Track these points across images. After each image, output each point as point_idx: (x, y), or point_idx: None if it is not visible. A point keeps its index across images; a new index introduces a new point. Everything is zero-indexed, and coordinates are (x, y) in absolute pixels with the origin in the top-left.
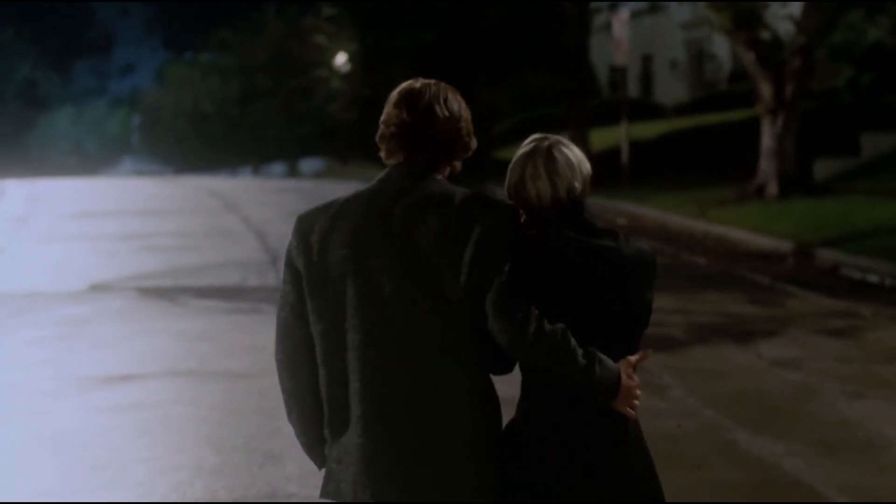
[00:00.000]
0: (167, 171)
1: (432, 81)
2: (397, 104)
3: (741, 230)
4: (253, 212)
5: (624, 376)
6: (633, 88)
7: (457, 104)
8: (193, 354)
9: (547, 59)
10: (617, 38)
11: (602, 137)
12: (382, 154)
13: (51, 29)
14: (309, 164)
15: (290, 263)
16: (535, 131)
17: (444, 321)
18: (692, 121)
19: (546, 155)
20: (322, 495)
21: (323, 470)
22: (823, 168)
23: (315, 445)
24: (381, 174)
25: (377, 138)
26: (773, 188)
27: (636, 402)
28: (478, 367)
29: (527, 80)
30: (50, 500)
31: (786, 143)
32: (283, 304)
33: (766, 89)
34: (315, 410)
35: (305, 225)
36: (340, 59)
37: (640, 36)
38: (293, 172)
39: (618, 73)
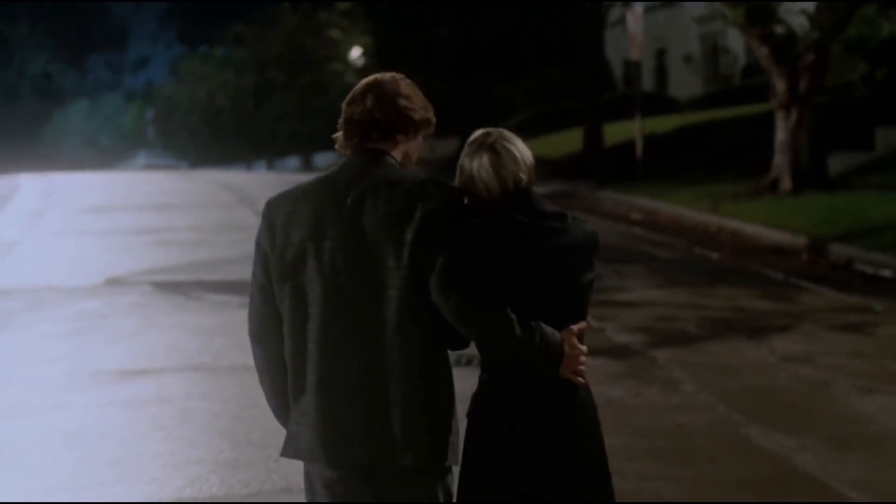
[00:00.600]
0: (182, 165)
1: (388, 74)
2: (359, 96)
3: (755, 225)
4: None
5: (567, 345)
6: (647, 82)
7: (410, 90)
8: (208, 349)
9: (561, 53)
10: (631, 32)
11: (617, 131)
12: (338, 142)
13: (65, 23)
14: (324, 158)
15: (258, 245)
16: (548, 125)
17: (394, 297)
18: (706, 115)
19: (490, 150)
20: (282, 454)
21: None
22: (837, 162)
23: (282, 410)
24: (341, 160)
25: (338, 127)
26: (786, 183)
27: (581, 368)
28: (428, 340)
29: (541, 75)
30: (65, 496)
31: (799, 138)
32: (253, 284)
33: (780, 84)
34: (282, 379)
35: (272, 210)
36: (355, 53)
37: (654, 30)
38: (308, 166)
39: (632, 68)
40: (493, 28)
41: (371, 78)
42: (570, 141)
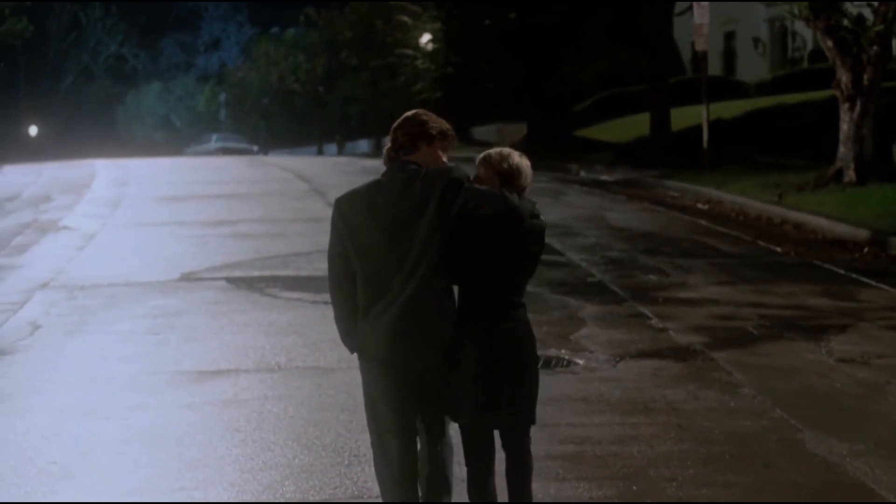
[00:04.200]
0: (254, 149)
1: (412, 111)
2: (396, 129)
3: (818, 217)
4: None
5: None
6: (715, 66)
7: (433, 118)
8: (281, 349)
9: (630, 36)
10: (698, 23)
11: (684, 116)
12: (391, 153)
13: (139, 5)
14: None
15: (335, 228)
16: (616, 109)
17: (426, 251)
18: (774, 100)
19: (525, 157)
20: (351, 350)
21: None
22: None
23: (348, 335)
24: (387, 168)
25: (391, 145)
26: (850, 174)
27: None
28: (444, 280)
29: (610, 59)
30: (146, 499)
31: (864, 129)
32: (333, 250)
33: (844, 75)
34: (350, 314)
35: (343, 204)
36: (425, 38)
37: (723, 11)
38: (378, 149)
39: (699, 55)
40: (563, 12)
41: (405, 115)
42: (637, 125)
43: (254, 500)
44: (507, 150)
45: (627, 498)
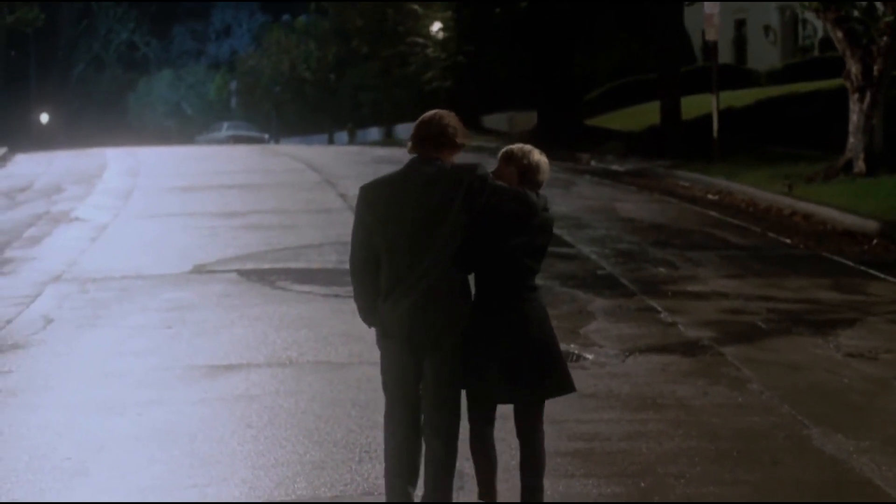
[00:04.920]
0: (265, 137)
1: (441, 111)
2: (422, 122)
3: (828, 208)
4: (350, 187)
5: None
6: (726, 54)
7: (454, 120)
8: (293, 343)
9: (641, 25)
10: (707, 13)
11: (695, 105)
12: (410, 148)
13: None
14: (405, 130)
15: (360, 214)
16: (628, 98)
17: (449, 242)
18: (784, 89)
19: (544, 155)
20: (370, 325)
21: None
22: None
23: (368, 312)
24: (408, 162)
25: (410, 140)
26: (860, 165)
27: None
28: (462, 269)
29: (621, 48)
30: (161, 498)
31: (874, 120)
32: (356, 237)
33: (854, 66)
34: (371, 294)
35: (370, 193)
36: (436, 26)
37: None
38: (389, 137)
39: (710, 45)
40: (574, 1)
41: (440, 111)
42: (648, 114)
43: (266, 497)
44: (528, 147)
45: (636, 496)
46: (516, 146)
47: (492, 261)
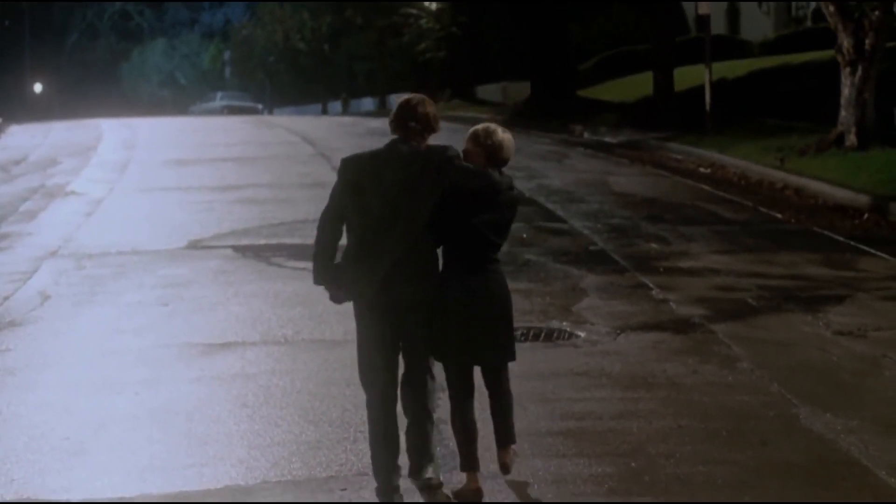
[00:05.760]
0: (258, 107)
1: (419, 97)
2: (402, 107)
3: (820, 182)
4: None
5: None
6: (718, 24)
7: (431, 108)
8: (288, 321)
9: None
10: None
11: (688, 76)
12: (393, 129)
13: None
14: (399, 100)
15: (339, 182)
16: (622, 68)
17: (421, 214)
18: (777, 60)
19: (508, 133)
20: (316, 282)
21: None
22: None
23: (322, 273)
24: (389, 140)
25: (391, 121)
26: (852, 138)
27: None
28: (431, 240)
29: (616, 16)
30: (160, 477)
31: (865, 94)
32: (333, 201)
33: (846, 40)
34: (329, 255)
35: (350, 165)
36: None
37: None
38: (383, 107)
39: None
40: None
41: (419, 96)
42: (641, 85)
43: (262, 477)
44: (492, 126)
45: (626, 475)
46: (481, 126)
47: (458, 235)
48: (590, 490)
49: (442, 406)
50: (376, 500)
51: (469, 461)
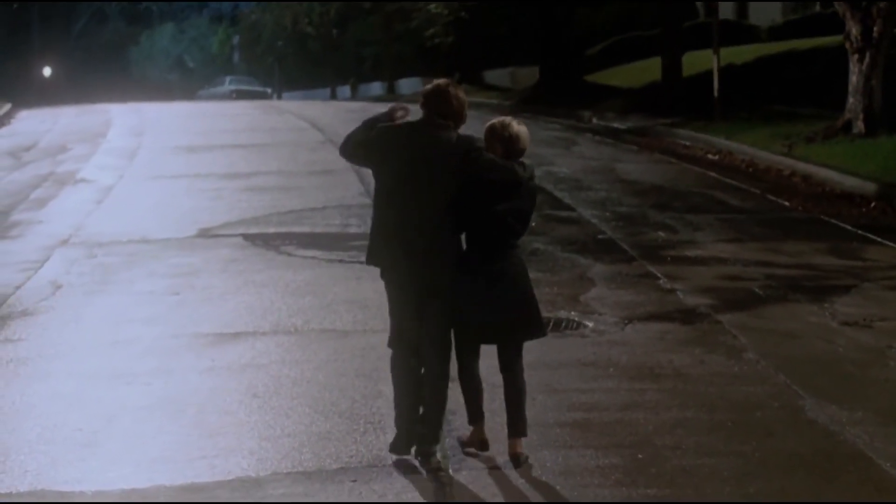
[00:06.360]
0: (267, 91)
1: (452, 84)
2: (432, 93)
3: (827, 169)
4: None
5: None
6: (727, 8)
7: (462, 95)
8: (298, 311)
9: None
10: None
11: (696, 61)
12: (421, 107)
13: None
14: (407, 84)
15: (372, 143)
16: (629, 54)
17: (442, 195)
18: (785, 45)
19: (524, 125)
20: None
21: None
22: None
23: (370, 121)
24: (417, 119)
25: (424, 106)
26: (860, 125)
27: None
28: (453, 225)
29: (623, 1)
30: (171, 468)
31: (873, 81)
32: (367, 139)
33: (854, 28)
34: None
35: (385, 133)
36: None
37: None
38: (391, 92)
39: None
40: None
41: (447, 81)
42: (649, 70)
43: (273, 469)
44: (507, 119)
45: (633, 467)
46: (497, 120)
47: (482, 222)
48: (596, 482)
49: (450, 398)
50: (386, 493)
51: (475, 414)
